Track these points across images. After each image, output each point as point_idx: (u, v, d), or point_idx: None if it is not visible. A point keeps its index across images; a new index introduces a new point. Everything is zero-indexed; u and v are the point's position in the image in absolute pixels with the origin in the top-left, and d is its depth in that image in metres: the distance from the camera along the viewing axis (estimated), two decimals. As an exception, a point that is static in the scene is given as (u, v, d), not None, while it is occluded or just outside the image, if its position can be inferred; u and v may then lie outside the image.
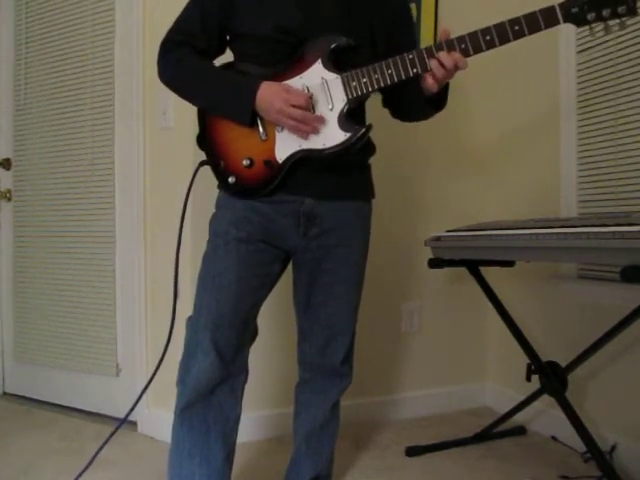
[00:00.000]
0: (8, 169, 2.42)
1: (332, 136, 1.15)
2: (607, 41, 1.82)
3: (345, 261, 1.31)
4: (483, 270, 1.84)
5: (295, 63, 1.18)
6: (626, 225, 1.18)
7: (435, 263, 1.78)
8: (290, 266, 1.37)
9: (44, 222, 2.33)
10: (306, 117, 1.13)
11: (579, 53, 1.94)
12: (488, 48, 1.10)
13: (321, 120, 1.15)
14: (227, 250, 1.23)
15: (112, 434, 1.37)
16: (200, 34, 1.26)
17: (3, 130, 2.43)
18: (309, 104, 1.14)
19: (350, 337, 1.39)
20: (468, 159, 2.37)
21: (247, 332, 1.28)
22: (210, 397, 1.24)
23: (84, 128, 2.22)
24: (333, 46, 1.15)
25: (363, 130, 1.16)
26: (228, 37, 1.30)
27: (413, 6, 2.22)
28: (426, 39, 2.21)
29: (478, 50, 1.10)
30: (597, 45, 1.86)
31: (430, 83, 1.14)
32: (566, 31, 1.98)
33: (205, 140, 1.27)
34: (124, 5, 2.10)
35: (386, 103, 1.43)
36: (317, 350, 1.37)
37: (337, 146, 1.16)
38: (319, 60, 1.16)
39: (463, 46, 1.10)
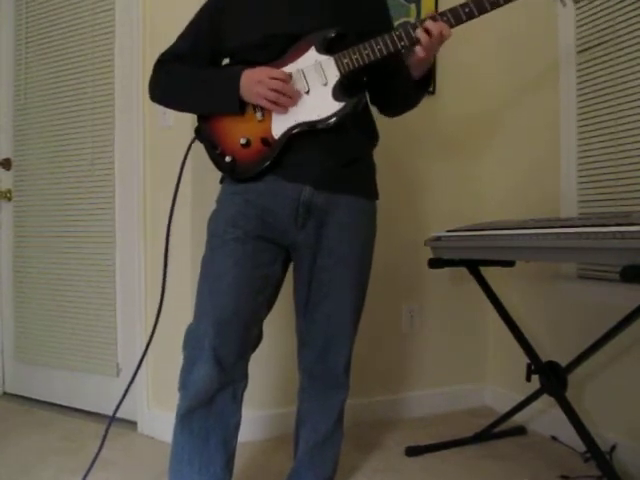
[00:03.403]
0: (8, 169, 2.42)
1: (326, 107, 1.19)
2: (607, 41, 1.82)
3: (344, 259, 1.29)
4: (483, 270, 1.84)
5: (289, 54, 1.22)
6: (626, 225, 1.17)
7: (435, 263, 1.78)
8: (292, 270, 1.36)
9: (44, 222, 2.33)
10: (285, 88, 1.17)
11: (579, 53, 1.94)
12: (468, 18, 1.17)
13: (300, 95, 1.19)
14: (224, 252, 1.22)
15: (106, 431, 1.38)
16: (191, 58, 1.32)
17: (3, 130, 2.43)
18: (288, 79, 1.18)
19: (350, 343, 1.37)
20: (467, 160, 2.37)
21: (249, 338, 1.26)
22: (210, 404, 1.23)
23: (84, 128, 2.23)
24: (328, 36, 1.19)
25: (356, 98, 1.19)
26: (226, 59, 1.36)
27: (413, 6, 2.22)
28: (426, 39, 2.21)
29: (459, 20, 1.17)
30: (597, 45, 1.86)
31: (419, 51, 1.18)
32: (566, 31, 1.98)
33: (203, 130, 1.29)
34: (124, 5, 2.10)
35: (373, 100, 1.44)
36: (316, 356, 1.35)
37: (331, 116, 1.18)
38: (313, 47, 1.20)
39: (445, 18, 1.17)
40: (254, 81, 1.18)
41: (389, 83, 1.36)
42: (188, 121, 1.78)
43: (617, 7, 1.78)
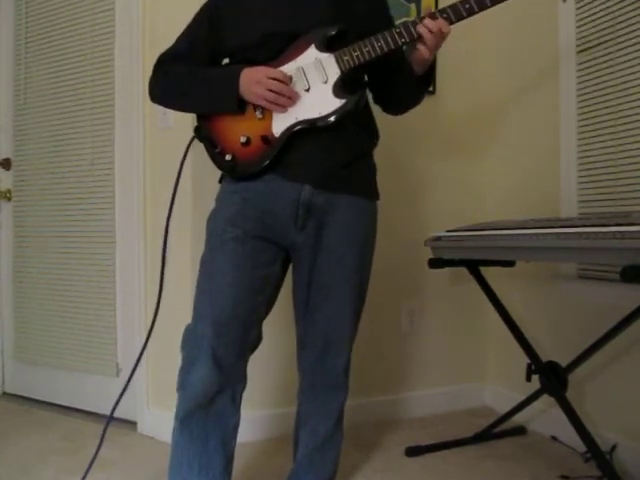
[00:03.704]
0: (8, 169, 2.42)
1: (327, 104, 1.19)
2: (607, 41, 1.82)
3: (344, 260, 1.28)
4: (483, 270, 1.84)
5: (289, 52, 1.21)
6: (626, 225, 1.17)
7: (435, 263, 1.78)
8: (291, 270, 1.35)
9: (44, 222, 2.33)
10: (283, 89, 1.17)
11: (579, 53, 1.94)
12: (468, 15, 1.17)
13: (298, 96, 1.19)
14: (223, 251, 1.21)
15: (104, 430, 1.38)
16: (190, 58, 1.31)
17: (3, 130, 2.43)
18: (287, 80, 1.18)
19: (349, 344, 1.36)
20: (468, 160, 2.37)
21: (248, 339, 1.25)
22: (210, 406, 1.22)
23: (84, 128, 2.23)
24: (328, 34, 1.19)
25: (358, 95, 1.19)
26: (226, 59, 1.35)
27: (413, 6, 2.23)
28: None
29: (459, 16, 1.17)
30: (597, 45, 1.86)
31: (422, 50, 1.18)
32: (566, 31, 1.98)
33: (202, 128, 1.28)
34: (124, 5, 2.10)
35: (377, 99, 1.44)
36: (316, 357, 1.34)
37: (333, 113, 1.18)
38: (313, 45, 1.20)
39: (445, 15, 1.17)
40: (253, 81, 1.18)
41: (391, 80, 1.36)
42: (188, 121, 1.78)
43: (617, 7, 1.78)
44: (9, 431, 2.02)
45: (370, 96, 1.42)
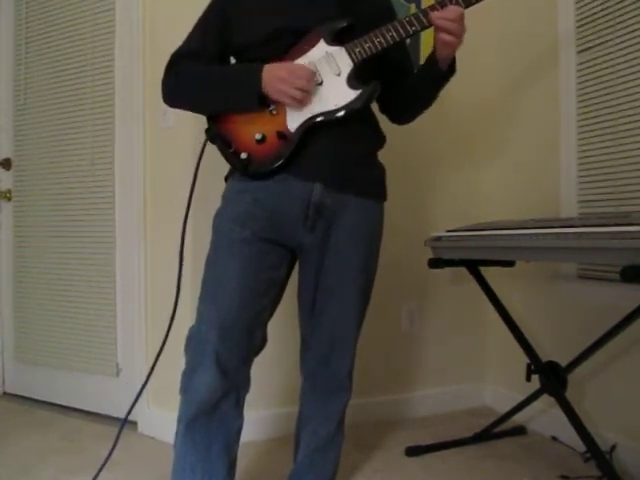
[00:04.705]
0: (8, 169, 2.42)
1: (343, 96, 1.18)
2: (607, 41, 1.82)
3: (351, 261, 1.27)
4: (483, 270, 1.84)
5: (298, 48, 1.21)
6: (626, 225, 1.18)
7: (435, 263, 1.78)
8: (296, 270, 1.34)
9: (44, 222, 2.33)
10: (310, 86, 1.15)
11: (579, 53, 1.94)
12: (477, 1, 1.17)
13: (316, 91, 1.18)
14: (230, 253, 1.19)
15: (118, 435, 1.39)
16: (201, 57, 1.29)
17: (3, 130, 2.43)
18: (313, 77, 1.16)
19: (354, 347, 1.35)
20: (467, 161, 2.37)
21: (253, 342, 1.23)
22: (213, 412, 1.20)
23: (84, 128, 2.23)
24: (338, 27, 1.18)
25: (373, 84, 1.18)
26: (233, 58, 1.34)
27: (412, 6, 2.23)
28: (426, 39, 2.21)
29: (468, 2, 1.16)
30: (597, 45, 1.86)
31: (449, 39, 1.17)
32: (566, 32, 1.98)
33: (214, 129, 1.26)
34: (124, 5, 2.10)
35: (383, 108, 1.43)
36: (320, 359, 1.33)
37: (349, 104, 1.17)
38: (322, 40, 1.19)
39: (454, 0, 1.16)
40: (277, 78, 1.15)
41: (398, 84, 1.35)
42: (188, 121, 1.78)
43: (617, 7, 1.78)
44: (9, 431, 2.02)
45: (377, 105, 1.41)
